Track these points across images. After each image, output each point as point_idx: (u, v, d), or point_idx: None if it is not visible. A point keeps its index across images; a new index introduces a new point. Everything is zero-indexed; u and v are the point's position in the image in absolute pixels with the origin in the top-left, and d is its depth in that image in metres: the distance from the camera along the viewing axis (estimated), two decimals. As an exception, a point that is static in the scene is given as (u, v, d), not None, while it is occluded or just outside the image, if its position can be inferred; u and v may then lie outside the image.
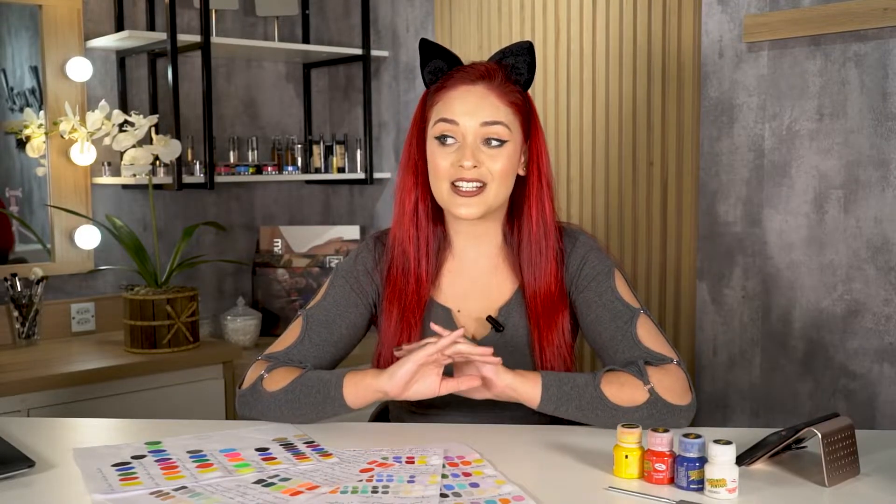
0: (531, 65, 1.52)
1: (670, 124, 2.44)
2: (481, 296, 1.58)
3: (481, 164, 1.47)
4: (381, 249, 1.61)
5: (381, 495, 1.17)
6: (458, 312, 1.58)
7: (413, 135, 1.56)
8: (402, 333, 1.54)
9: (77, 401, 2.38)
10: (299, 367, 1.52)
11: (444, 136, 1.49)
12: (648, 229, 2.51)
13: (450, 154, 1.48)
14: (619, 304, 1.51)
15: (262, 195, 3.31)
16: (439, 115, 1.50)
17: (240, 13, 3.21)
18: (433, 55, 1.53)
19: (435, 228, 1.57)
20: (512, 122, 1.49)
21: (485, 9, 2.88)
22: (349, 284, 1.59)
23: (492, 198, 1.49)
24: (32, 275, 2.70)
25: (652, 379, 1.42)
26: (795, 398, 2.24)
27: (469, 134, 1.47)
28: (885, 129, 2.05)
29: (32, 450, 1.36)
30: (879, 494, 1.19)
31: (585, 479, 1.24)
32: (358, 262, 1.61)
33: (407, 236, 1.56)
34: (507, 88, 1.50)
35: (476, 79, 1.49)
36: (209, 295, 3.16)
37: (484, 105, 1.48)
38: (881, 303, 2.08)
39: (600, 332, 1.52)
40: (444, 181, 1.49)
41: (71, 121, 2.69)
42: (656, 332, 1.51)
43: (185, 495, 1.19)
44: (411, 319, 1.54)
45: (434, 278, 1.57)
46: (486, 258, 1.59)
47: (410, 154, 1.56)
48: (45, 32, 2.75)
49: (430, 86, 1.55)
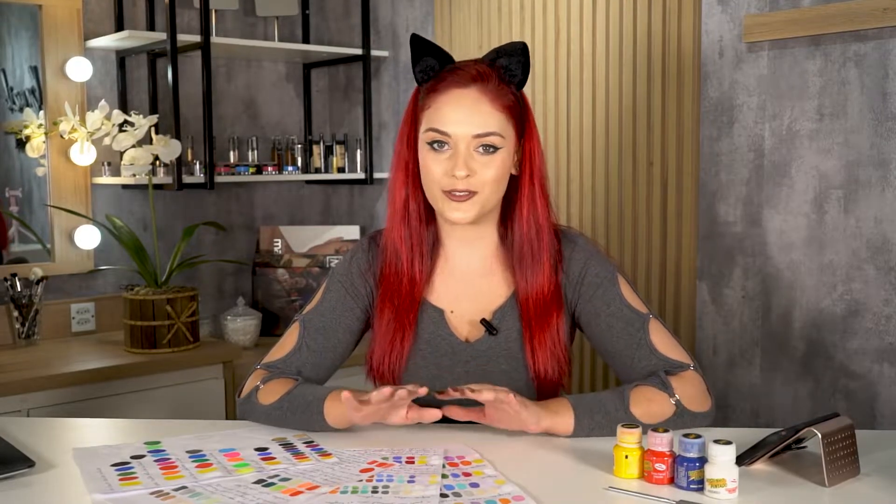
0: (525, 65, 1.49)
1: (670, 124, 2.44)
2: (474, 298, 1.56)
3: (474, 172, 1.44)
4: (375, 250, 1.60)
5: (382, 495, 1.17)
6: (450, 313, 1.56)
7: (404, 134, 1.54)
8: (396, 334, 1.53)
9: (77, 401, 2.38)
10: (293, 378, 1.51)
11: (436, 143, 1.46)
12: (648, 229, 2.51)
13: (442, 161, 1.46)
14: (628, 312, 1.50)
15: (262, 195, 3.31)
16: (431, 124, 1.46)
17: (240, 13, 3.21)
18: (424, 52, 1.50)
19: (427, 228, 1.55)
20: (505, 129, 1.46)
21: (485, 9, 2.88)
22: (344, 288, 1.58)
23: (484, 202, 1.47)
24: (32, 275, 2.70)
25: (676, 391, 1.42)
26: (795, 398, 2.24)
27: (461, 143, 1.44)
28: (885, 129, 2.05)
29: (32, 450, 1.36)
30: (879, 494, 1.19)
31: (585, 480, 1.24)
32: (353, 264, 1.60)
33: (398, 236, 1.54)
34: (501, 91, 1.47)
35: (469, 81, 1.46)
36: (209, 295, 3.16)
37: (476, 113, 1.44)
38: (881, 303, 2.08)
39: (612, 341, 1.51)
40: (436, 186, 1.47)
41: (71, 121, 2.69)
42: (668, 336, 1.50)
43: (185, 495, 1.19)
44: (405, 320, 1.53)
45: (427, 279, 1.56)
46: (479, 260, 1.57)
47: (401, 152, 1.54)
48: (44, 32, 2.75)
49: (422, 84, 1.52)
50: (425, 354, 1.54)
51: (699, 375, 1.46)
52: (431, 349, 1.54)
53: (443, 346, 1.54)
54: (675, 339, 1.51)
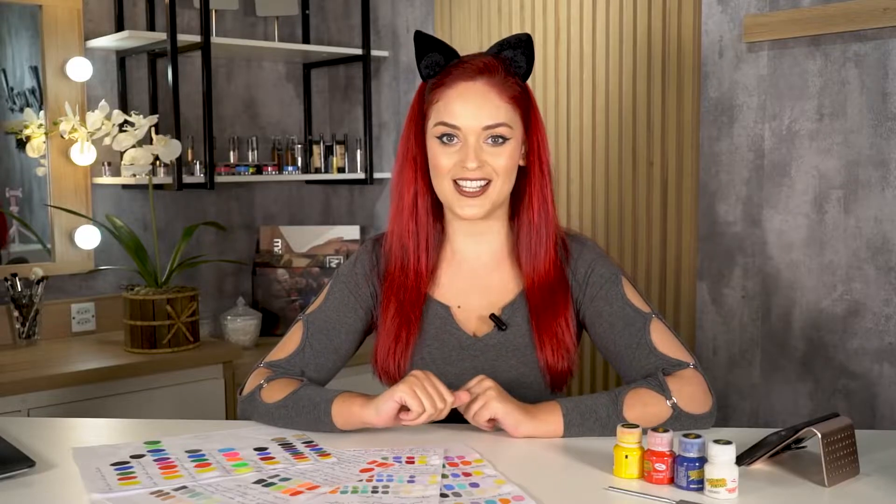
0: (530, 57, 1.51)
1: (670, 124, 2.44)
2: (483, 293, 1.56)
3: (484, 163, 1.46)
4: (379, 251, 1.60)
5: (382, 495, 1.17)
6: (458, 309, 1.56)
7: (411, 129, 1.54)
8: (401, 330, 1.53)
9: (77, 401, 2.39)
10: (298, 378, 1.51)
11: (446, 136, 1.48)
12: (648, 229, 2.51)
13: (452, 153, 1.47)
14: (630, 311, 1.51)
15: (262, 195, 3.31)
16: (440, 118, 1.48)
17: (240, 13, 3.21)
18: (429, 48, 1.51)
19: (434, 223, 1.56)
20: (513, 119, 1.48)
21: (485, 9, 2.89)
22: (348, 289, 1.59)
23: (496, 194, 1.48)
24: (33, 275, 2.70)
25: (673, 392, 1.41)
26: (795, 398, 2.24)
27: (471, 135, 1.46)
28: (885, 129, 2.05)
29: (32, 450, 1.36)
30: (879, 494, 1.19)
31: (585, 480, 1.24)
32: (357, 266, 1.61)
33: (406, 231, 1.54)
34: (507, 83, 1.48)
35: (475, 74, 1.47)
36: (209, 295, 3.16)
37: (485, 105, 1.46)
38: (881, 303, 2.08)
39: (614, 340, 1.51)
40: (446, 179, 1.48)
41: (71, 121, 2.69)
42: (670, 335, 1.50)
43: (185, 495, 1.19)
44: (410, 315, 1.53)
45: (433, 274, 1.56)
46: (487, 255, 1.57)
47: (409, 148, 1.54)
48: (45, 32, 2.75)
49: (428, 80, 1.53)
50: (432, 350, 1.54)
51: (699, 374, 1.46)
52: (438, 344, 1.54)
53: (450, 342, 1.54)
54: (678, 338, 1.51)
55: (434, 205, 1.55)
